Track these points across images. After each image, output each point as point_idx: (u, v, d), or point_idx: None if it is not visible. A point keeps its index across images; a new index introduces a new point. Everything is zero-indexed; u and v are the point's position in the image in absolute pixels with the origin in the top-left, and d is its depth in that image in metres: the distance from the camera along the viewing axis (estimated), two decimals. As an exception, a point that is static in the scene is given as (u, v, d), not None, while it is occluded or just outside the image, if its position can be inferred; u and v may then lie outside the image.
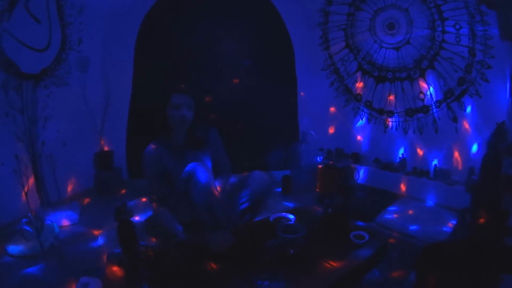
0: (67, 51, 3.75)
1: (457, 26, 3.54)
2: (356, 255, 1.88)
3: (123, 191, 4.06)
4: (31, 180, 3.40)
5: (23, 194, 3.26)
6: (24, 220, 2.74)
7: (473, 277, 1.48)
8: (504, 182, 1.75)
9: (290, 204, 3.68)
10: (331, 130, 4.77)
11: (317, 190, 4.22)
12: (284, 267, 1.71)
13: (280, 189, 4.17)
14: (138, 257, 1.77)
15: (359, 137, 4.58)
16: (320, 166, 4.25)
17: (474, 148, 3.56)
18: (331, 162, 4.18)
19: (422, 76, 3.86)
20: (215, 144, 2.58)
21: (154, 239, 2.25)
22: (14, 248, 2.66)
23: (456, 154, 3.72)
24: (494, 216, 1.74)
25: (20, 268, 2.49)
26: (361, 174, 4.31)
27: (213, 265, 1.73)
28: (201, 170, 2.16)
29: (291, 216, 2.16)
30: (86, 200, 3.76)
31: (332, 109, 4.72)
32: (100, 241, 2.93)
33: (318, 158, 4.39)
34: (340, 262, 1.79)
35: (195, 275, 1.67)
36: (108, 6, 4.08)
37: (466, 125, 3.64)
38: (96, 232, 3.07)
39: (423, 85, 3.87)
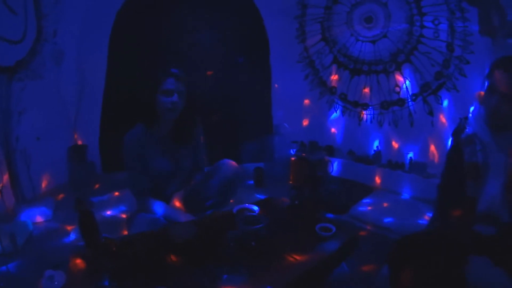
0: (42, 43, 3.66)
1: (436, 22, 3.58)
2: (322, 248, 1.84)
3: (97, 185, 4.00)
4: (6, 177, 3.33)
5: (-2, 191, 3.21)
6: None
7: (443, 264, 1.49)
8: (467, 169, 1.78)
9: (262, 196, 3.64)
10: (305, 123, 4.78)
11: (290, 182, 4.19)
12: (245, 260, 1.69)
13: (252, 182, 4.13)
14: (99, 249, 1.75)
15: (333, 130, 4.58)
16: (293, 159, 4.20)
17: (450, 141, 3.58)
18: (304, 154, 4.14)
19: (398, 69, 3.88)
20: (198, 141, 2.54)
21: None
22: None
23: (432, 147, 3.75)
24: (461, 204, 1.76)
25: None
26: (335, 166, 4.31)
27: (174, 258, 1.71)
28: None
29: (255, 208, 2.12)
30: (61, 196, 3.70)
31: (306, 101, 4.72)
32: (72, 236, 2.91)
33: (291, 151, 4.38)
34: (305, 255, 1.75)
35: (155, 267, 1.65)
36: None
37: (442, 118, 3.67)
38: (69, 228, 3.04)
39: (399, 78, 3.89)
